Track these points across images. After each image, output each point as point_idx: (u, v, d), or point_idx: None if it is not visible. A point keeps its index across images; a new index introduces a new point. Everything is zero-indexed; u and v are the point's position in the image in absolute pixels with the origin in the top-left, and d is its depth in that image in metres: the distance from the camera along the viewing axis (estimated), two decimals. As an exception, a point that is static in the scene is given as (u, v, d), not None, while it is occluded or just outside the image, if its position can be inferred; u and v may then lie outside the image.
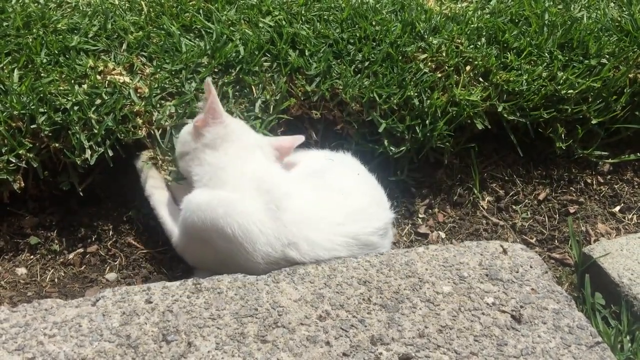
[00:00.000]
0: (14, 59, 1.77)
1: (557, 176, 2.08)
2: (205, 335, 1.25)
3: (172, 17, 2.03)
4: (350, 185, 1.61)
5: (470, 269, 1.47)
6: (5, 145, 1.59)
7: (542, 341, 1.29)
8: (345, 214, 1.52)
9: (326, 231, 1.48)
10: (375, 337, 1.28)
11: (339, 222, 1.50)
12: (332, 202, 1.54)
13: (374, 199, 1.62)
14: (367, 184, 1.67)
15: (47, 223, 1.74)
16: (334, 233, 1.49)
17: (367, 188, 1.65)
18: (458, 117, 1.90)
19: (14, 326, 1.25)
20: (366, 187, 1.65)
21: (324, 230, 1.48)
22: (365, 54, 1.96)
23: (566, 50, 2.12)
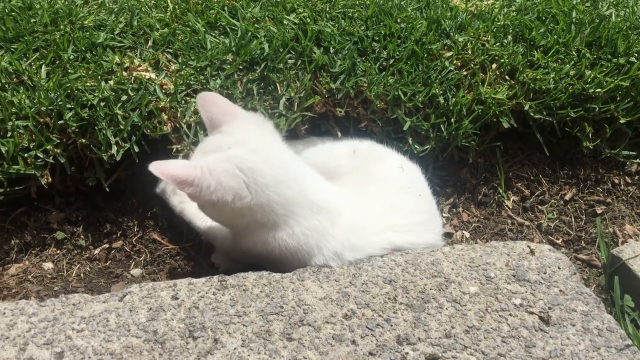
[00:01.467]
0: (42, 55, 1.79)
1: (583, 176, 2.06)
2: (232, 332, 1.25)
3: (197, 14, 2.03)
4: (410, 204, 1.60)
5: (497, 270, 1.46)
6: (34, 140, 1.61)
7: (571, 343, 1.28)
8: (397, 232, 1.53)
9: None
10: (402, 336, 1.27)
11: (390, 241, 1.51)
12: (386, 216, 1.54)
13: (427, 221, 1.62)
14: (426, 204, 1.67)
15: (73, 218, 1.75)
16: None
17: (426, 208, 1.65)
18: (484, 115, 1.89)
19: (43, 320, 1.26)
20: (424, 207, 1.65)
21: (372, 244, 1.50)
22: (390, 51, 1.95)
23: (594, 49, 2.09)
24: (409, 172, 1.69)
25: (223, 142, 1.44)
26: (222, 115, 1.48)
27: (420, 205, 1.62)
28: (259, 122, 1.53)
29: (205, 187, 1.35)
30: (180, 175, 1.34)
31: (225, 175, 1.37)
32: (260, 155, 1.42)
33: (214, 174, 1.36)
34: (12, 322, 1.25)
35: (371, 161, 1.67)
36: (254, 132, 1.48)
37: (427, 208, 1.64)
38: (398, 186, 1.61)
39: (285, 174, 1.44)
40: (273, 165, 1.43)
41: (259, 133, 1.49)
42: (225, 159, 1.39)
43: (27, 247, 1.69)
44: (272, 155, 1.45)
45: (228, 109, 1.50)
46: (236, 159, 1.39)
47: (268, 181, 1.40)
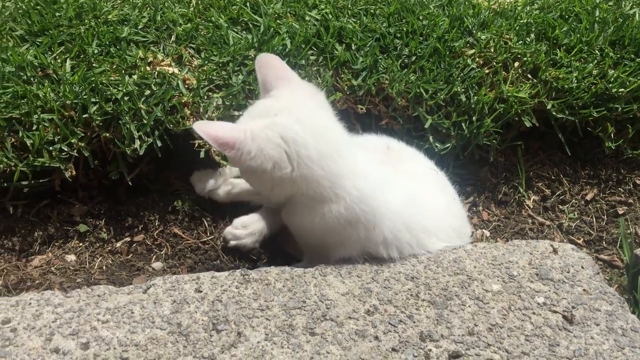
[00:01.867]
0: (67, 49, 1.80)
1: (605, 176, 2.04)
2: (255, 325, 1.26)
3: (219, 9, 2.04)
4: (441, 204, 1.61)
5: (519, 268, 1.45)
6: (58, 134, 1.62)
7: (595, 343, 1.27)
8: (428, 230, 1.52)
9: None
10: (425, 333, 1.27)
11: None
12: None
13: (460, 227, 1.64)
14: (459, 208, 1.70)
15: (95, 211, 1.76)
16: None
17: (460, 213, 1.68)
18: (505, 114, 1.88)
19: (68, 311, 1.27)
20: (458, 212, 1.67)
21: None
22: (412, 48, 1.94)
23: (617, 48, 2.07)
24: (441, 177, 1.70)
25: (270, 107, 1.40)
26: (274, 79, 1.45)
27: (454, 208, 1.64)
28: (310, 91, 1.48)
29: (246, 152, 1.32)
30: (223, 137, 1.31)
31: (266, 142, 1.34)
32: (307, 126, 1.37)
33: (256, 140, 1.33)
34: (38, 312, 1.26)
35: (405, 159, 1.67)
36: (303, 100, 1.43)
37: (460, 213, 1.67)
38: (433, 185, 1.63)
39: (332, 148, 1.39)
40: (319, 137, 1.38)
41: (309, 103, 1.44)
42: (269, 125, 1.36)
43: (50, 240, 1.71)
44: (319, 127, 1.40)
45: (282, 73, 1.46)
46: (280, 126, 1.35)
47: (312, 154, 1.36)
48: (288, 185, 1.39)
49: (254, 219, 1.73)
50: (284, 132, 1.35)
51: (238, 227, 1.71)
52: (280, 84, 1.44)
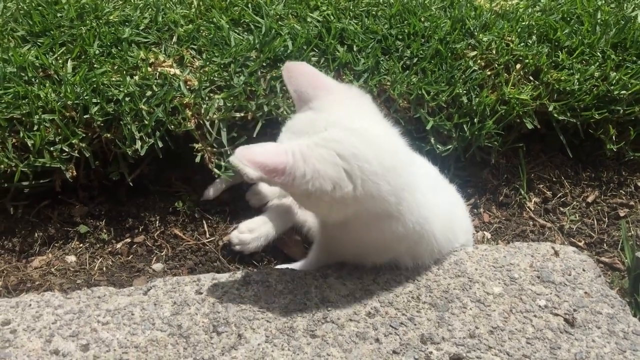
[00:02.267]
0: (68, 49, 1.80)
1: (606, 178, 2.04)
2: (255, 327, 1.26)
3: (221, 10, 2.04)
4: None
5: (521, 270, 1.45)
6: (59, 134, 1.62)
7: (597, 346, 1.27)
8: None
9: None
10: (425, 335, 1.27)
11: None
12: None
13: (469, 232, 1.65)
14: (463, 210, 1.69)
15: (96, 212, 1.76)
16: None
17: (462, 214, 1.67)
18: (507, 116, 1.87)
19: (68, 312, 1.27)
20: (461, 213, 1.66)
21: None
22: (413, 50, 1.94)
23: (619, 50, 2.07)
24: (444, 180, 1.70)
25: (317, 121, 1.25)
26: (312, 89, 1.30)
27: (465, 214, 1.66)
28: (356, 96, 1.35)
29: (300, 176, 1.16)
30: (270, 163, 1.14)
31: (322, 162, 1.18)
32: (363, 137, 1.23)
33: (309, 161, 1.17)
34: (38, 313, 1.26)
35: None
36: (352, 109, 1.30)
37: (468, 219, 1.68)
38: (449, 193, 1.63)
39: (394, 159, 1.27)
40: (380, 149, 1.25)
41: (358, 110, 1.31)
42: (321, 142, 1.20)
43: (50, 240, 1.71)
44: (377, 138, 1.26)
45: (319, 81, 1.32)
46: (334, 142, 1.20)
47: (376, 169, 1.21)
48: (351, 205, 1.23)
49: (261, 222, 1.72)
50: (340, 148, 1.20)
51: (244, 232, 1.70)
52: (320, 93, 1.29)
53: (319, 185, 1.17)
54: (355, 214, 1.25)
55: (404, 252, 1.41)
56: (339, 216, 1.26)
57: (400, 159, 1.29)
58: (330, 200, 1.20)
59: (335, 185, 1.19)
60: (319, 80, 1.32)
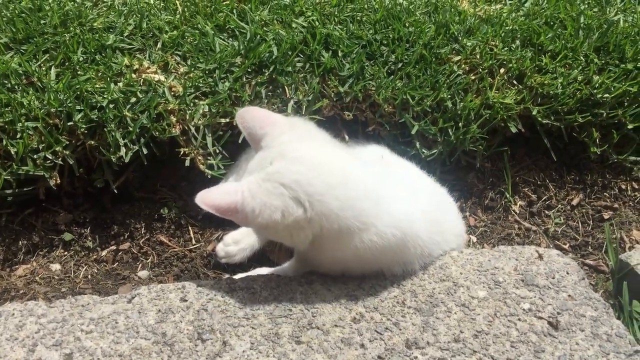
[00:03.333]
0: (52, 56, 1.79)
1: (590, 181, 2.05)
2: (240, 334, 1.25)
3: (206, 16, 2.04)
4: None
5: (505, 274, 1.45)
6: (43, 142, 1.61)
7: (580, 349, 1.28)
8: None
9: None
10: (410, 340, 1.27)
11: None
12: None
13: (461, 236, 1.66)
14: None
15: (81, 220, 1.75)
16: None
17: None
18: (491, 120, 1.88)
19: (52, 321, 1.26)
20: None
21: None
22: (398, 55, 1.95)
23: (602, 54, 2.08)
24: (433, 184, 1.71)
25: (265, 158, 1.35)
26: (259, 129, 1.40)
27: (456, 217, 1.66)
28: (298, 126, 1.45)
29: (250, 211, 1.27)
30: (223, 204, 1.27)
31: (268, 195, 1.27)
32: (305, 162, 1.32)
33: (257, 196, 1.27)
34: (21, 323, 1.25)
35: (399, 169, 1.67)
36: (294, 138, 1.38)
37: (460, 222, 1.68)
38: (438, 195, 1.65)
39: (341, 175, 1.34)
40: (322, 169, 1.32)
41: (303, 137, 1.41)
42: (265, 177, 1.30)
43: (34, 249, 1.70)
44: (319, 159, 1.35)
45: (265, 120, 1.42)
46: (277, 174, 1.29)
47: (320, 189, 1.29)
48: (307, 227, 1.30)
49: (245, 233, 1.71)
50: (282, 179, 1.28)
51: (229, 244, 1.70)
52: (268, 130, 1.40)
53: (268, 216, 1.27)
54: (319, 235, 1.32)
55: (392, 261, 1.41)
56: (302, 240, 1.33)
57: (351, 173, 1.36)
58: (286, 228, 1.30)
59: (285, 213, 1.27)
60: (266, 119, 1.42)
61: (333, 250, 1.36)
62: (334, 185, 1.30)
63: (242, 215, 1.27)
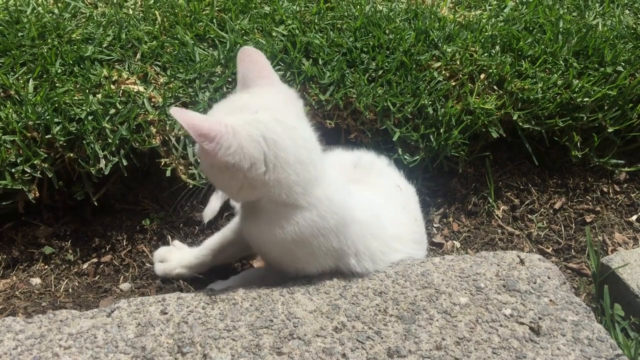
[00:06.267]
0: (29, 69, 1.78)
1: (572, 185, 2.06)
2: (221, 346, 1.24)
3: (185, 26, 2.03)
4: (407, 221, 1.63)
5: (487, 280, 1.45)
6: (21, 155, 1.60)
7: (562, 354, 1.27)
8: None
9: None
10: (392, 349, 1.26)
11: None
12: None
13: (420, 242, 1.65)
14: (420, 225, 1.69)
15: (61, 233, 1.74)
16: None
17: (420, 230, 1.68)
18: (473, 125, 1.89)
19: (30, 337, 1.24)
20: (419, 228, 1.67)
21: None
22: (379, 62, 1.95)
23: (581, 58, 2.10)
24: (406, 192, 1.71)
25: (250, 103, 1.34)
26: (256, 76, 1.38)
27: (416, 224, 1.64)
28: (291, 96, 1.44)
29: (226, 147, 1.24)
30: (205, 128, 1.22)
31: (248, 140, 1.27)
32: (287, 129, 1.32)
33: (237, 136, 1.25)
34: (-2, 339, 1.24)
35: (372, 175, 1.67)
36: (284, 103, 1.38)
37: (421, 229, 1.66)
38: (397, 203, 1.62)
39: (308, 156, 1.35)
40: (297, 143, 1.33)
41: (289, 107, 1.39)
42: (251, 122, 1.29)
43: (14, 263, 1.68)
44: (298, 133, 1.36)
45: (265, 72, 1.40)
46: (262, 125, 1.29)
47: (289, 158, 1.31)
48: (259, 187, 1.32)
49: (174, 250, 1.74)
50: (266, 132, 1.29)
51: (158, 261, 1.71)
52: (262, 83, 1.38)
53: (238, 160, 1.27)
54: (260, 201, 1.35)
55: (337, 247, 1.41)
56: (244, 197, 1.37)
57: (314, 158, 1.37)
58: (243, 179, 1.30)
59: (252, 165, 1.28)
60: (265, 71, 1.40)
61: (271, 223, 1.37)
62: (301, 162, 1.33)
63: (214, 147, 1.23)
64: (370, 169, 1.71)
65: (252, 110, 1.32)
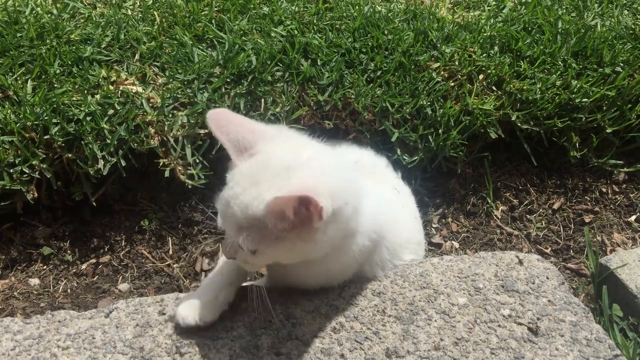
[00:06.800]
0: (28, 69, 1.78)
1: (571, 185, 2.06)
2: (219, 347, 1.24)
3: (184, 27, 2.03)
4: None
5: (485, 280, 1.45)
6: (19, 156, 1.60)
7: (560, 354, 1.28)
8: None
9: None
10: (390, 349, 1.26)
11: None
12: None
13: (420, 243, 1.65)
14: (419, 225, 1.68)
15: (60, 233, 1.73)
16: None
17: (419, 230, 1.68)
18: (471, 126, 1.89)
19: (28, 338, 1.24)
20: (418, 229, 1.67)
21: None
22: (377, 63, 1.95)
23: (580, 59, 2.10)
24: (404, 193, 1.70)
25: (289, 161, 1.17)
26: (250, 135, 1.21)
27: (417, 223, 1.65)
28: (290, 133, 1.31)
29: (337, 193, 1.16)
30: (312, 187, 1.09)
31: (346, 182, 1.23)
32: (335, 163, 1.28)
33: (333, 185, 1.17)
34: (-4, 340, 1.24)
35: (376, 176, 1.65)
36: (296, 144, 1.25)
37: (420, 229, 1.67)
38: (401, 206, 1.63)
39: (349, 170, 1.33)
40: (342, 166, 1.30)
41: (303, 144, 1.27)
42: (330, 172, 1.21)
43: (13, 263, 1.68)
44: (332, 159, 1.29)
45: (252, 126, 1.25)
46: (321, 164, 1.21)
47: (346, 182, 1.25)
48: (353, 224, 1.25)
49: None
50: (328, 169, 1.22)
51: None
52: (260, 137, 1.22)
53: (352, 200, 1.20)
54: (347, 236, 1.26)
55: (366, 261, 1.40)
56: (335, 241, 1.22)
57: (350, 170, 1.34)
58: (347, 218, 1.20)
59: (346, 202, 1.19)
60: (251, 124, 1.25)
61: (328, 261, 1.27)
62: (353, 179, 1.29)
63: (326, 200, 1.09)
64: (373, 171, 1.70)
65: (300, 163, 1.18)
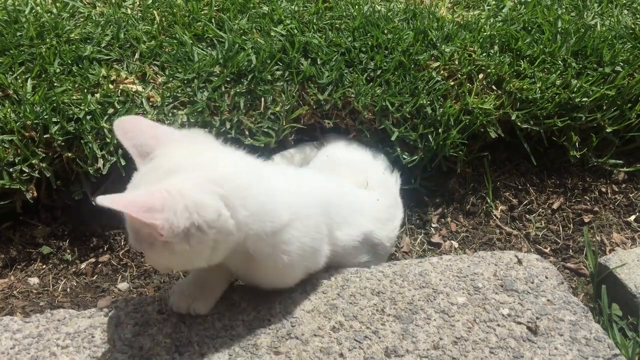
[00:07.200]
0: (28, 68, 1.78)
1: (571, 185, 2.06)
2: (218, 346, 1.25)
3: (184, 26, 2.03)
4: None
5: (484, 280, 1.45)
6: (19, 155, 1.60)
7: (559, 354, 1.28)
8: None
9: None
10: (390, 348, 1.26)
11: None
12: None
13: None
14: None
15: (59, 233, 1.74)
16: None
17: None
18: (471, 125, 1.89)
19: (27, 337, 1.24)
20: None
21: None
22: (377, 62, 1.95)
23: (580, 58, 2.10)
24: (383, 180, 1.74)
25: (176, 164, 1.16)
26: (153, 139, 1.21)
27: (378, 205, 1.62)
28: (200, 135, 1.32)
29: (182, 209, 1.08)
30: (147, 201, 1.06)
31: (200, 192, 1.12)
32: (233, 165, 1.23)
33: (187, 194, 1.10)
34: (-5, 338, 1.24)
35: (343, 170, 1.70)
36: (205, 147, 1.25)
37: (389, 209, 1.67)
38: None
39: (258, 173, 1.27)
40: (243, 169, 1.24)
41: (208, 146, 1.27)
42: (191, 176, 1.14)
43: (12, 262, 1.68)
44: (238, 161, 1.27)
45: (158, 130, 1.24)
46: (207, 170, 1.17)
47: (247, 187, 1.20)
48: (235, 233, 1.17)
49: None
50: (211, 176, 1.16)
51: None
52: (162, 142, 1.21)
53: (204, 214, 1.11)
54: (249, 241, 1.21)
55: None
56: (222, 253, 1.18)
57: (260, 169, 1.32)
58: (216, 234, 1.13)
59: (220, 213, 1.13)
60: (158, 129, 1.24)
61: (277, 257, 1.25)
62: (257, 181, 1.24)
63: (168, 215, 1.06)
64: (347, 166, 1.73)
65: (188, 168, 1.16)
